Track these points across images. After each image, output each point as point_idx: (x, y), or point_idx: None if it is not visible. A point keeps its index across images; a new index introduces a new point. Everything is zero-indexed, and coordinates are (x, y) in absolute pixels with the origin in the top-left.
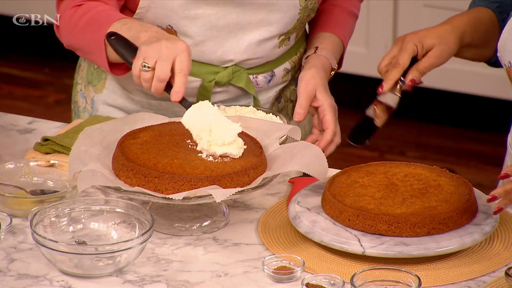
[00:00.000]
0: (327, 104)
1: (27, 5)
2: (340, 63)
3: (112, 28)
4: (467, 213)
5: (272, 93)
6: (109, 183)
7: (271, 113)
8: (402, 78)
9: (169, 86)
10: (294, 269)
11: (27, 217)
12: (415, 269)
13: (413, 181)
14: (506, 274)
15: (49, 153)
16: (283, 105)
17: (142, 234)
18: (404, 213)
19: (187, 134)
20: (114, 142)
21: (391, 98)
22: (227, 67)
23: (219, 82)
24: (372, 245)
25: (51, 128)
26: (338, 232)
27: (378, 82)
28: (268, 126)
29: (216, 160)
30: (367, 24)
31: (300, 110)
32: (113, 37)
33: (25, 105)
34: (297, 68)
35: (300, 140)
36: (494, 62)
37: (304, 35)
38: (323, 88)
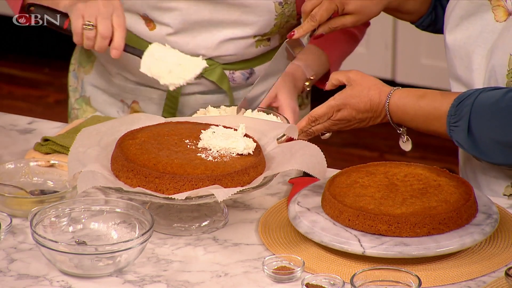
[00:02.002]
0: (285, 104)
1: None
2: (325, 78)
3: None
4: (467, 213)
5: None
6: (109, 183)
7: (271, 114)
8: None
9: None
10: (294, 269)
11: (27, 217)
12: (415, 269)
13: (413, 181)
14: (506, 274)
15: (49, 153)
16: None
17: (142, 234)
18: (404, 213)
19: (185, 134)
20: (112, 143)
21: (297, 44)
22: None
23: None
24: (372, 245)
25: (51, 128)
26: (338, 232)
27: None
28: (265, 125)
29: (216, 160)
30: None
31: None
32: (32, 7)
33: (25, 105)
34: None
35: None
36: (417, 25)
37: None
38: (286, 90)
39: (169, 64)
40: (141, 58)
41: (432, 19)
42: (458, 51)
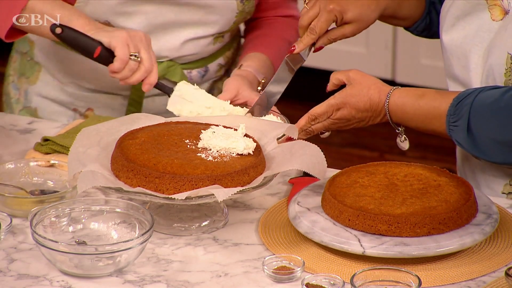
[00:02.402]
0: (252, 99)
1: None
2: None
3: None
4: (467, 213)
5: (205, 86)
6: (109, 183)
7: (271, 114)
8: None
9: None
10: (294, 269)
11: (27, 217)
12: (415, 269)
13: (413, 181)
14: (506, 274)
15: (49, 153)
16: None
17: (142, 234)
18: (404, 213)
19: (185, 134)
20: (112, 143)
21: (298, 59)
22: (162, 61)
23: None
24: (372, 245)
25: (51, 128)
26: (338, 232)
27: None
28: (265, 125)
29: (216, 160)
30: None
31: None
32: (59, 28)
33: None
34: (231, 63)
35: None
36: (412, 30)
37: (239, 32)
38: (246, 87)
39: (197, 106)
40: (169, 96)
41: (427, 24)
42: (455, 50)
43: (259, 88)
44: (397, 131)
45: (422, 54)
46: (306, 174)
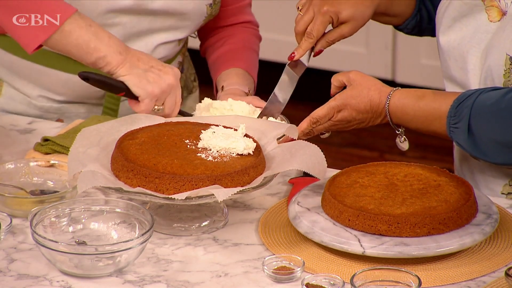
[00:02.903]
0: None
1: None
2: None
3: (72, 19)
4: (467, 213)
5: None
6: (109, 183)
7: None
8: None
9: None
10: (294, 269)
11: (27, 217)
12: (415, 269)
13: (413, 181)
14: (506, 274)
15: (49, 153)
16: None
17: (142, 234)
18: (404, 213)
19: (185, 134)
20: (112, 143)
21: (299, 66)
22: None
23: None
24: (372, 245)
25: (51, 128)
26: (338, 232)
27: None
28: (265, 125)
29: (216, 160)
30: (367, 24)
31: None
32: (88, 79)
33: None
34: (183, 58)
35: None
36: (402, 28)
37: None
38: (240, 97)
39: (220, 109)
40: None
41: (417, 21)
42: (452, 52)
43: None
44: (397, 132)
45: (422, 54)
46: (306, 174)
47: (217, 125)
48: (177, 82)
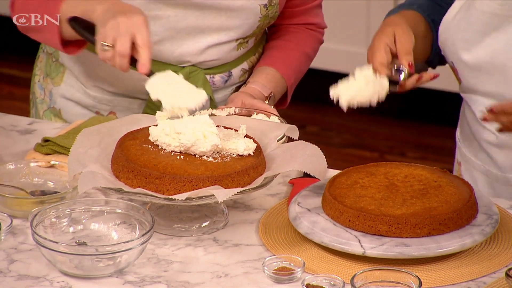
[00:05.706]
0: (257, 106)
1: None
2: (285, 100)
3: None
4: (467, 214)
5: (228, 91)
6: (109, 184)
7: (271, 116)
8: (399, 67)
9: (133, 61)
10: (294, 269)
11: (27, 218)
12: (415, 269)
13: (414, 182)
14: (507, 275)
15: (50, 154)
16: None
17: (143, 235)
18: (404, 214)
19: None
20: (112, 144)
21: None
22: (184, 66)
23: None
24: (372, 246)
25: (52, 129)
26: (338, 233)
27: None
28: (265, 126)
29: (216, 161)
30: (367, 24)
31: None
32: (72, 21)
33: (25, 106)
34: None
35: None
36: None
37: (264, 36)
38: (252, 98)
39: (173, 91)
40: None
41: (440, 56)
42: (485, 67)
43: (267, 102)
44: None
45: None
46: (306, 175)
47: (218, 126)
48: (141, 23)
